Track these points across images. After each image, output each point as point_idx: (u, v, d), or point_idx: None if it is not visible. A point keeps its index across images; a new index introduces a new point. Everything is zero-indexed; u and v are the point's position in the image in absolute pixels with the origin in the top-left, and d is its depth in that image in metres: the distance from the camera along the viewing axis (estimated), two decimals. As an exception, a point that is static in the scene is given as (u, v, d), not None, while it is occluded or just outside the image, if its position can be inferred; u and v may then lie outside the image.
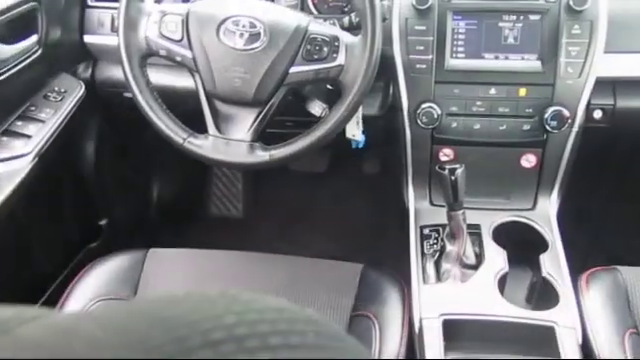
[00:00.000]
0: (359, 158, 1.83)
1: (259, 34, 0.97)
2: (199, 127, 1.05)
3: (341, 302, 1.08)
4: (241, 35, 0.98)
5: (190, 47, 1.00)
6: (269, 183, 1.90)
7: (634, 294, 1.06)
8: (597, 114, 1.16)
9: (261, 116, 1.02)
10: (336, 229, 1.77)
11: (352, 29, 1.05)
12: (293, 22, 0.98)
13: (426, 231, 1.18)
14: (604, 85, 1.15)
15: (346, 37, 0.98)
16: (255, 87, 0.99)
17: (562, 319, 1.00)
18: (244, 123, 1.03)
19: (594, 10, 1.07)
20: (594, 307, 1.03)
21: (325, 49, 0.97)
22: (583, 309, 1.03)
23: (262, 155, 1.02)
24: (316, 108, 1.06)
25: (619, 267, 1.10)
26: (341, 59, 0.97)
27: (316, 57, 0.98)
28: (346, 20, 1.09)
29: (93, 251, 1.47)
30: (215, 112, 1.04)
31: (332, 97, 1.05)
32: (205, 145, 1.03)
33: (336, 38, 0.98)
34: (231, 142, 1.03)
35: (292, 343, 0.27)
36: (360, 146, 1.19)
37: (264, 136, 1.06)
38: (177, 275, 1.16)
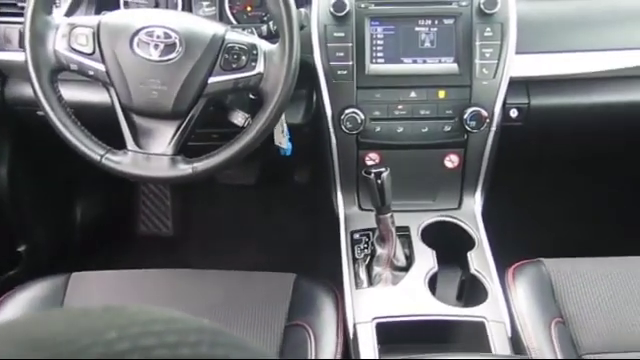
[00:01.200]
0: (289, 168, 1.82)
1: (175, 44, 0.95)
2: (118, 143, 1.02)
3: (275, 314, 1.07)
4: (156, 46, 0.95)
5: (103, 60, 0.97)
6: (199, 198, 1.86)
7: (558, 284, 1.10)
8: (513, 113, 1.20)
9: (182, 128, 0.99)
10: (269, 240, 1.76)
11: (271, 37, 1.05)
12: (209, 31, 0.97)
13: (356, 236, 1.18)
14: (518, 85, 1.19)
15: (264, 45, 0.98)
16: (173, 99, 0.96)
17: (491, 314, 1.02)
18: (164, 136, 1.00)
19: (504, 13, 1.11)
20: (521, 300, 1.06)
21: (243, 58, 0.96)
22: (511, 303, 1.06)
23: (185, 168, 1.00)
24: (239, 118, 1.05)
25: (542, 259, 1.14)
26: (260, 67, 0.96)
27: (235, 66, 0.96)
28: (264, 28, 1.08)
29: (12, 280, 1.39)
30: (133, 126, 1.00)
31: (255, 106, 1.04)
32: (124, 161, 1.00)
33: (254, 46, 0.97)
34: (151, 157, 0.99)
35: (181, 355, 0.25)
36: (287, 154, 1.18)
37: (190, 149, 1.03)
38: (103, 299, 1.12)
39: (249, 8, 1.24)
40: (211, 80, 0.97)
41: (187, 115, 0.99)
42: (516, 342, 1.00)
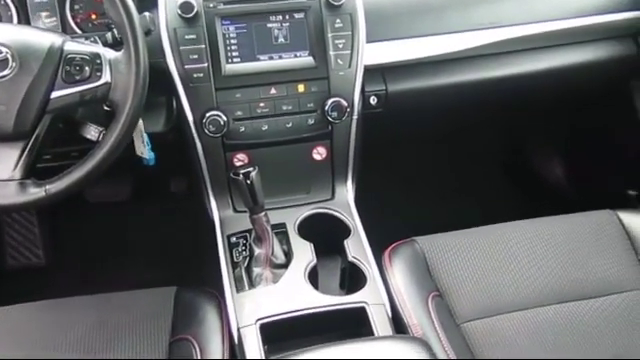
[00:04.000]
0: (164, 178, 1.76)
1: (7, 60, 0.88)
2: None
3: (157, 330, 1.04)
4: None
5: None
6: (70, 221, 1.75)
7: (431, 260, 1.14)
8: (373, 100, 1.24)
9: (28, 150, 0.92)
10: (152, 256, 1.70)
11: (117, 45, 1.00)
12: (45, 43, 0.91)
13: (233, 239, 1.17)
14: (374, 72, 1.23)
15: (108, 53, 0.93)
16: (13, 119, 0.89)
17: (371, 297, 1.04)
18: (9, 160, 0.92)
19: (351, 3, 1.14)
20: (398, 280, 1.09)
21: (87, 68, 0.91)
22: (389, 284, 1.08)
23: (36, 192, 0.92)
24: (92, 132, 0.99)
25: (416, 238, 1.18)
26: (107, 77, 0.92)
27: (78, 78, 0.91)
28: (109, 36, 1.03)
29: None
30: None
31: (111, 118, 0.99)
32: None
33: (97, 55, 0.92)
34: None
35: None
36: (151, 163, 1.14)
37: (49, 170, 0.96)
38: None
39: (94, 16, 1.18)
40: (54, 95, 0.91)
41: (32, 135, 0.92)
42: (397, 321, 1.03)
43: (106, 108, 1.07)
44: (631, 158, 1.59)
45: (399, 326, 1.03)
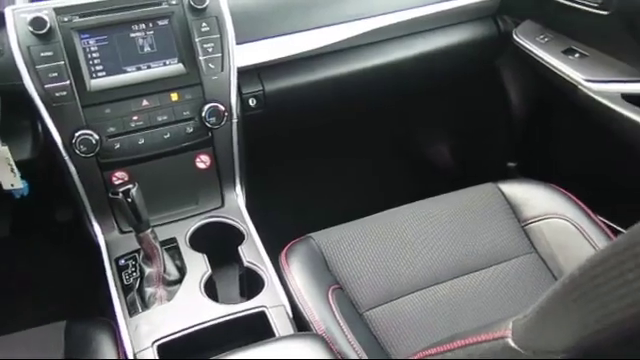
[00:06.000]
0: (47, 207, 1.65)
1: None
2: None
3: (49, 370, 0.97)
4: None
5: None
6: None
7: (329, 254, 1.14)
8: (252, 102, 1.23)
9: None
10: (43, 291, 1.58)
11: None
12: None
13: (122, 262, 1.11)
14: (250, 74, 1.22)
15: None
16: None
17: (270, 300, 1.03)
18: None
19: (215, 6, 1.11)
20: (297, 278, 1.08)
21: None
22: (288, 284, 1.07)
23: None
24: None
25: (311, 234, 1.17)
26: None
27: None
28: None
29: None
30: None
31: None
32: None
33: None
34: None
35: None
36: (25, 193, 1.06)
37: None
38: None
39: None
40: None
41: None
42: (299, 320, 1.02)
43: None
44: (507, 132, 1.68)
45: (301, 324, 1.02)
